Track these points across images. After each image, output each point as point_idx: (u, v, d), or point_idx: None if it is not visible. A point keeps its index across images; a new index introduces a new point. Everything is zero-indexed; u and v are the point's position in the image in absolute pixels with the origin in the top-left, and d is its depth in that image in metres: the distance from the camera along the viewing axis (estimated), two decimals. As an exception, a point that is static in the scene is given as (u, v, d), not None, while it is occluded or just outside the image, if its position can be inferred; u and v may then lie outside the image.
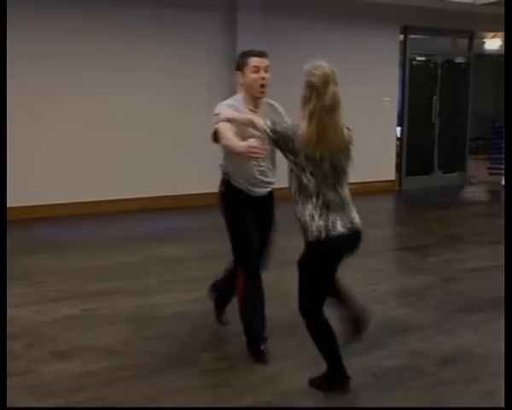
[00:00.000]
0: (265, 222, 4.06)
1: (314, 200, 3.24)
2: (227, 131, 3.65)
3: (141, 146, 8.65)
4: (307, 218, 3.25)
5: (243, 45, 8.92)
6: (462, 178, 11.88)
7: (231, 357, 3.97)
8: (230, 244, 4.00)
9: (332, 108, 3.18)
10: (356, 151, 3.36)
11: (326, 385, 3.50)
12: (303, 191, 3.27)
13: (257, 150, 3.35)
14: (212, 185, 9.66)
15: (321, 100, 3.16)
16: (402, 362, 3.89)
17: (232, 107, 3.84)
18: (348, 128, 3.34)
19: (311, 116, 3.17)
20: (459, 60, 11.93)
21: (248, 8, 8.95)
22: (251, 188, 3.93)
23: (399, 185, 11.08)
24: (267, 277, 5.29)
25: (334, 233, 3.22)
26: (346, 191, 3.35)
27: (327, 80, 3.18)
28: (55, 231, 7.43)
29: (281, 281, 4.82)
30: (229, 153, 3.82)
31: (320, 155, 3.19)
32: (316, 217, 3.23)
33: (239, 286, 3.99)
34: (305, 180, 3.24)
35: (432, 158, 11.55)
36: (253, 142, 3.38)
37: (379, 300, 5.00)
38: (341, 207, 3.30)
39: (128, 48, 8.46)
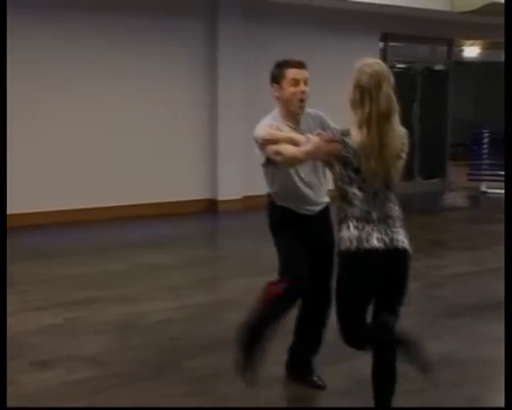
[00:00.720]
0: (319, 240, 3.64)
1: (356, 215, 2.88)
2: (279, 148, 3.22)
3: (127, 153, 8.64)
4: (344, 228, 2.90)
5: (224, 52, 9.05)
6: (442, 184, 11.99)
7: (215, 365, 3.97)
8: (279, 264, 3.59)
9: (387, 114, 2.86)
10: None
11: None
12: (346, 204, 2.90)
13: (329, 147, 2.90)
14: (198, 192, 9.75)
15: (375, 104, 2.82)
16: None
17: (271, 126, 3.43)
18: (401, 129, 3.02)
19: (368, 123, 2.82)
20: (438, 67, 12.07)
21: (229, 15, 8.99)
22: (299, 205, 3.55)
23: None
24: (250, 283, 5.30)
25: (366, 245, 2.85)
26: (392, 206, 2.99)
27: (379, 80, 2.84)
28: (41, 238, 7.38)
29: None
30: (275, 171, 3.47)
31: (373, 169, 2.82)
32: (351, 227, 2.88)
33: (268, 295, 3.55)
34: (350, 195, 2.87)
35: (412, 164, 11.64)
36: (318, 141, 2.96)
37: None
38: (384, 220, 2.92)
39: (110, 55, 8.45)
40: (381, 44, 10.89)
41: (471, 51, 14.94)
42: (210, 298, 5.37)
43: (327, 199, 3.66)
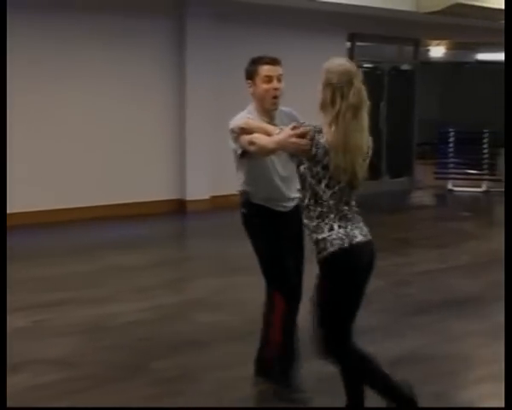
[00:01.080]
0: (293, 237, 3.63)
1: (332, 213, 2.91)
2: (253, 137, 3.22)
3: (93, 154, 8.56)
4: (325, 229, 2.89)
5: (193, 52, 9.04)
6: (409, 182, 12.11)
7: (184, 365, 3.97)
8: (261, 267, 3.59)
9: (358, 109, 2.93)
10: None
11: None
12: (317, 204, 2.92)
13: (299, 141, 2.90)
14: (167, 193, 9.72)
15: (345, 101, 2.86)
16: (354, 365, 3.95)
17: (248, 119, 3.42)
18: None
19: (337, 120, 2.87)
20: (405, 67, 12.20)
21: (198, 15, 8.98)
22: (274, 203, 3.57)
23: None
24: (219, 283, 5.32)
25: (356, 240, 2.90)
26: (355, 205, 3.05)
27: (350, 78, 2.90)
28: (9, 240, 7.25)
29: (233, 288, 4.85)
30: (250, 164, 3.47)
31: (342, 166, 2.86)
32: (335, 226, 2.89)
33: (277, 309, 3.53)
34: (320, 192, 2.90)
35: (380, 163, 11.75)
36: (290, 132, 2.96)
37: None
38: (356, 219, 3.01)
39: (77, 54, 8.36)
40: (349, 44, 10.96)
41: (437, 51, 15.13)
42: (179, 298, 5.36)
43: (298, 195, 3.58)
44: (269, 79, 3.47)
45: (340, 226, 2.90)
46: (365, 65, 11.54)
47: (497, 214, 10.73)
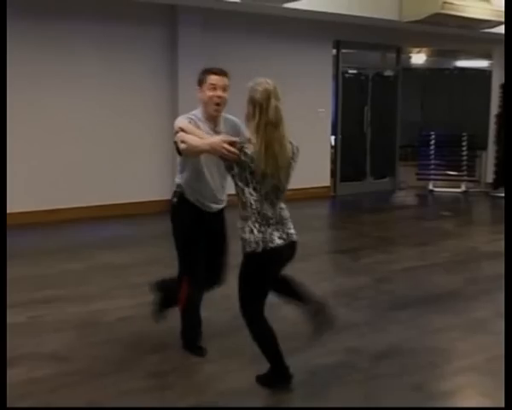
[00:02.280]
0: (217, 234, 4.00)
1: (254, 216, 3.26)
2: (184, 136, 3.50)
3: (83, 156, 8.51)
4: (247, 231, 3.27)
5: (184, 59, 9.02)
6: (392, 183, 12.13)
7: (174, 359, 3.95)
8: (176, 252, 3.96)
9: (276, 123, 3.21)
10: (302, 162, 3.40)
11: (271, 383, 3.50)
12: (245, 207, 3.27)
13: (229, 148, 3.19)
14: (152, 194, 9.70)
15: (264, 115, 3.19)
16: (338, 359, 3.95)
17: (190, 120, 3.71)
18: (291, 143, 3.35)
19: (258, 131, 3.19)
20: (388, 73, 12.21)
21: (189, 24, 8.96)
22: (204, 202, 3.86)
23: (334, 191, 11.23)
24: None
25: (271, 245, 3.27)
26: (283, 207, 3.40)
27: (268, 95, 3.20)
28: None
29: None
30: (187, 163, 3.80)
31: (265, 171, 3.19)
32: (255, 231, 3.25)
33: (182, 293, 3.95)
34: (247, 194, 3.24)
35: (364, 165, 11.77)
36: (223, 138, 3.29)
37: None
38: (280, 221, 3.34)
39: (72, 61, 8.32)
40: (334, 51, 10.96)
41: (418, 58, 15.16)
42: (169, 295, 5.32)
43: (225, 199, 4.00)
44: (214, 87, 3.74)
45: (259, 231, 3.26)
46: (350, 71, 11.57)
47: (476, 214, 10.79)
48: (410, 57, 14.90)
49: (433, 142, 11.99)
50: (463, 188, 11.72)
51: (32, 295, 5.17)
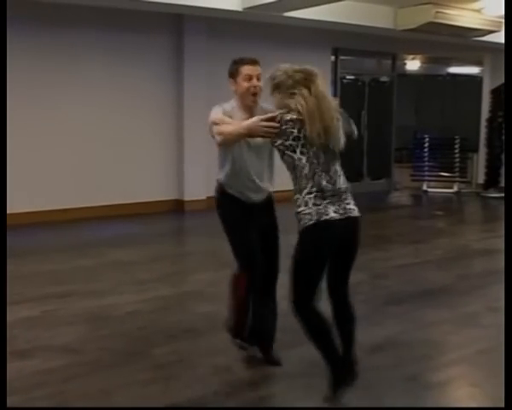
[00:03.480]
0: (265, 229, 3.67)
1: (309, 187, 2.98)
2: (219, 128, 3.31)
3: (93, 158, 8.53)
4: (302, 204, 2.99)
5: (189, 65, 9.03)
6: (388, 184, 12.13)
7: (180, 351, 3.94)
8: (232, 249, 3.63)
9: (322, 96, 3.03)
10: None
11: (337, 387, 3.15)
12: (298, 177, 3.01)
13: (268, 124, 3.01)
14: (159, 194, 9.71)
15: (311, 87, 3.02)
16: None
17: (226, 112, 3.49)
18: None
19: (304, 99, 2.98)
20: (384, 79, 12.21)
21: (194, 32, 9.02)
22: (245, 192, 3.57)
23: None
24: (214, 277, 5.30)
25: (325, 217, 2.95)
26: (341, 179, 3.10)
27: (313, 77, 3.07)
28: (12, 238, 7.18)
29: (227, 281, 4.81)
30: (228, 155, 3.52)
31: (311, 131, 2.95)
32: (310, 203, 2.97)
33: (240, 290, 3.62)
34: (296, 162, 2.99)
35: (361, 166, 11.76)
36: (259, 117, 3.08)
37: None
38: (337, 193, 3.04)
39: (82, 67, 8.36)
40: (333, 58, 10.96)
41: (412, 65, 15.17)
42: (175, 291, 5.33)
43: (271, 188, 3.70)
44: (249, 77, 3.54)
45: (314, 204, 2.98)
46: (347, 77, 11.58)
47: (467, 213, 10.78)
48: (404, 64, 14.91)
49: (426, 144, 11.98)
50: (456, 188, 11.71)
51: (45, 291, 5.19)
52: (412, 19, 9.20)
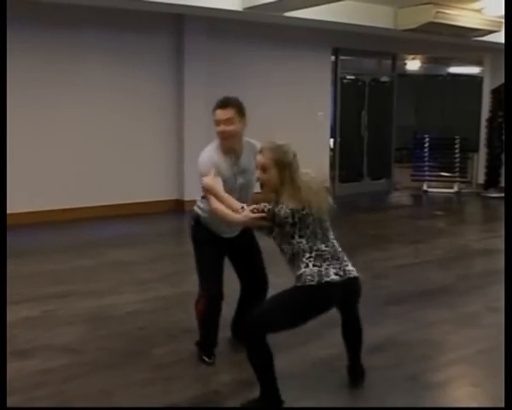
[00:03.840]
0: (245, 246, 3.78)
1: (307, 254, 3.06)
2: (216, 206, 3.32)
3: (93, 158, 8.53)
4: (302, 266, 3.04)
5: (190, 65, 9.04)
6: (388, 184, 12.13)
7: (180, 351, 3.94)
8: (198, 274, 3.74)
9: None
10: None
11: (261, 407, 3.18)
12: (297, 256, 3.07)
13: (259, 220, 3.08)
14: (159, 194, 9.70)
15: (296, 170, 3.10)
16: (336, 352, 3.91)
17: (212, 164, 3.45)
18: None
19: (293, 183, 3.07)
20: (384, 79, 12.21)
21: (195, 32, 9.01)
22: (223, 231, 3.65)
23: (333, 191, 11.22)
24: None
25: (326, 279, 3.01)
26: (335, 243, 3.19)
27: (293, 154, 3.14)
28: (13, 238, 7.18)
29: (225, 281, 4.81)
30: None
31: (306, 212, 3.04)
32: (310, 265, 3.03)
33: (200, 307, 3.75)
34: (295, 245, 3.05)
35: (361, 166, 11.76)
36: (249, 211, 3.12)
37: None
38: (335, 256, 3.12)
39: (82, 67, 8.37)
40: (333, 58, 10.96)
41: (413, 65, 15.17)
42: (175, 291, 5.33)
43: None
44: (218, 122, 3.51)
45: (314, 265, 3.04)
46: (348, 77, 11.57)
47: (467, 213, 10.78)
48: (405, 64, 14.91)
49: (426, 144, 11.98)
50: (456, 188, 11.71)
51: (45, 291, 5.18)
52: (412, 19, 9.20)
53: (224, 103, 3.53)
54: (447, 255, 6.73)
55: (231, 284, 3.87)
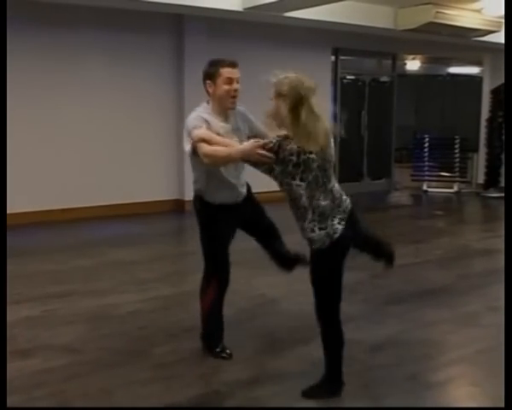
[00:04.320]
0: (252, 215, 3.78)
1: (310, 215, 3.03)
2: (209, 150, 3.21)
3: (94, 158, 8.53)
4: (308, 231, 3.05)
5: (190, 65, 9.03)
6: (388, 184, 12.13)
7: (181, 351, 3.94)
8: (203, 254, 3.70)
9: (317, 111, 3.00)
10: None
11: (322, 393, 3.30)
12: (296, 203, 3.04)
13: (265, 153, 2.94)
14: (160, 194, 9.71)
15: (309, 109, 2.96)
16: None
17: (203, 120, 3.41)
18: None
19: (298, 119, 2.94)
20: (384, 79, 12.21)
21: (195, 32, 9.01)
22: (226, 201, 3.58)
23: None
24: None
25: (336, 236, 3.04)
26: (335, 185, 3.15)
27: (310, 88, 3.03)
28: (13, 238, 7.18)
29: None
30: (201, 168, 3.47)
31: (312, 156, 2.95)
32: (316, 229, 3.03)
33: (209, 295, 3.71)
34: (294, 188, 2.99)
35: (361, 166, 11.77)
36: (254, 143, 3.01)
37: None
38: (336, 204, 3.09)
39: (83, 68, 8.37)
40: (333, 58, 10.96)
41: (412, 65, 15.18)
42: (175, 290, 5.33)
43: (245, 184, 3.74)
44: (230, 80, 3.49)
45: (320, 228, 3.03)
46: (348, 77, 11.58)
47: (467, 213, 10.78)
48: (404, 64, 14.91)
49: (426, 144, 11.98)
50: (456, 188, 11.71)
51: (45, 290, 5.19)
52: (412, 19, 9.21)
53: (235, 63, 3.55)
54: (447, 255, 6.74)
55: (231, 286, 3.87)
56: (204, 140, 3.25)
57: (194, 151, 3.35)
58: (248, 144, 3.07)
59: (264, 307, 4.60)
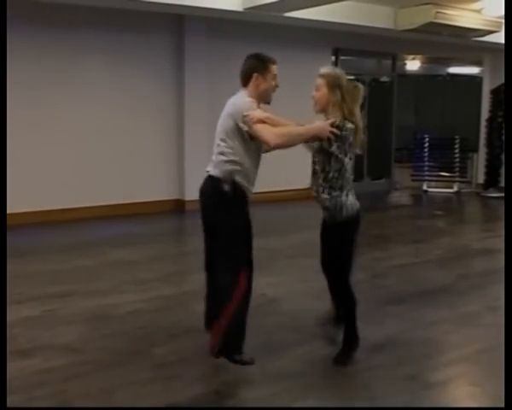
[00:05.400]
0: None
1: (350, 184, 3.57)
2: (282, 130, 3.43)
3: (95, 158, 8.54)
4: (343, 197, 3.53)
5: (190, 65, 9.05)
6: (388, 184, 12.13)
7: (181, 351, 3.94)
8: (230, 245, 3.51)
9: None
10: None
11: (349, 355, 3.71)
12: (341, 175, 3.52)
13: (334, 130, 3.40)
14: (160, 194, 9.72)
15: (352, 98, 3.64)
16: (337, 351, 3.94)
17: (256, 106, 3.49)
18: None
19: (348, 107, 3.55)
20: (384, 79, 12.22)
21: (195, 32, 9.02)
22: (251, 188, 3.59)
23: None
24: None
25: (357, 207, 3.61)
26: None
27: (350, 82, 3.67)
28: (14, 238, 7.20)
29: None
30: (252, 151, 3.49)
31: (360, 138, 3.56)
32: (350, 196, 3.56)
33: (240, 288, 3.47)
34: (346, 164, 3.51)
35: (361, 166, 11.76)
36: (327, 122, 3.43)
37: (316, 296, 5.05)
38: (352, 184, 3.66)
39: (83, 67, 8.37)
40: (333, 58, 10.96)
41: (412, 65, 15.19)
42: (176, 290, 5.33)
43: None
44: (275, 77, 3.63)
45: (352, 195, 3.59)
46: (348, 77, 11.54)
47: (467, 213, 10.78)
48: (404, 64, 14.92)
49: (426, 144, 11.99)
50: (456, 188, 11.71)
51: (46, 290, 5.19)
52: (412, 19, 9.21)
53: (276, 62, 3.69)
54: (447, 255, 6.74)
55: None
56: (262, 120, 3.39)
57: (250, 135, 3.41)
58: (322, 122, 3.50)
59: (264, 307, 4.60)
